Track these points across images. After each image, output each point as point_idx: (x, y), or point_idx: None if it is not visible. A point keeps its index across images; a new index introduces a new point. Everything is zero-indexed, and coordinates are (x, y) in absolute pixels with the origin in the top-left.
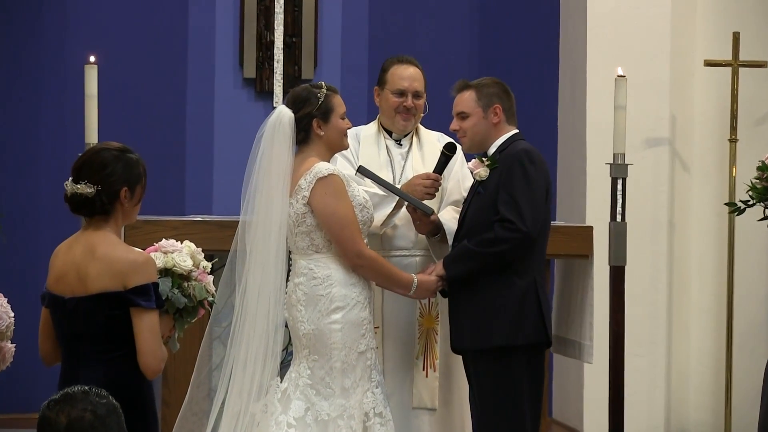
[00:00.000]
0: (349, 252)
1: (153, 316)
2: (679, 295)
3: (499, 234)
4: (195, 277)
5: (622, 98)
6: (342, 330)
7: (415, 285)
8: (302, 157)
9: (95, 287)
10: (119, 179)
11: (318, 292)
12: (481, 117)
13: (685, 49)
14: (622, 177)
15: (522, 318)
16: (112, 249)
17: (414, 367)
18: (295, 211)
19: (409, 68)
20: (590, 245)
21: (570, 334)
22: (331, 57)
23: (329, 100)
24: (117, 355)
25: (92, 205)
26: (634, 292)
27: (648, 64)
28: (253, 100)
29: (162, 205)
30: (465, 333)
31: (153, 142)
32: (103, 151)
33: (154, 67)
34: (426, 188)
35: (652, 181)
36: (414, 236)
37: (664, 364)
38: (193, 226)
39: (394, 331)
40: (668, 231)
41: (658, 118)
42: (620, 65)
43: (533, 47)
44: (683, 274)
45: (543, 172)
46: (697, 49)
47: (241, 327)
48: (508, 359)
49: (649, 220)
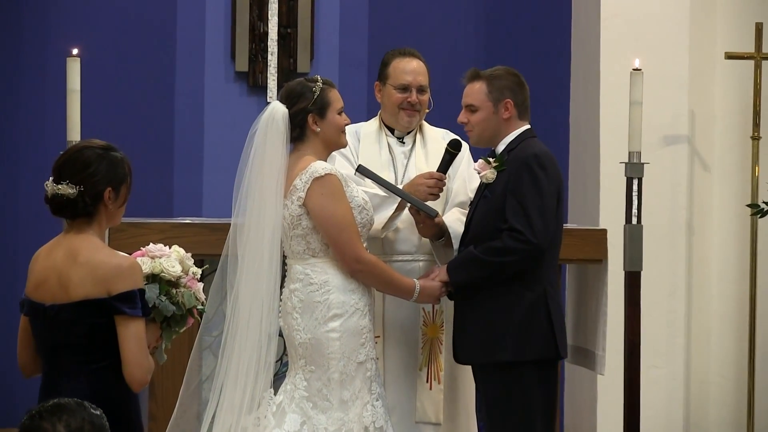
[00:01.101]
0: (348, 256)
1: (139, 324)
2: (698, 302)
3: (507, 244)
4: (184, 283)
5: (638, 93)
6: (340, 339)
7: (418, 291)
8: (297, 155)
9: (78, 294)
10: (103, 179)
11: (315, 298)
12: (491, 112)
13: (705, 40)
14: (638, 177)
15: (530, 331)
16: (96, 253)
17: (417, 379)
18: (290, 213)
19: (412, 61)
20: (604, 249)
21: (583, 342)
22: (328, 49)
23: (325, 94)
24: (101, 365)
25: (74, 206)
26: (651, 299)
27: (665, 57)
28: (245, 95)
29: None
30: (470, 345)
31: (139, 140)
32: (86, 150)
33: (140, 60)
34: (429, 188)
35: (670, 181)
36: (417, 240)
37: (682, 375)
38: (182, 229)
39: (396, 340)
40: (687, 234)
41: (676, 114)
42: (636, 58)
43: (543, 38)
44: (703, 279)
45: (554, 178)
46: (717, 40)
47: (232, 336)
48: (519, 372)
49: (667, 222)
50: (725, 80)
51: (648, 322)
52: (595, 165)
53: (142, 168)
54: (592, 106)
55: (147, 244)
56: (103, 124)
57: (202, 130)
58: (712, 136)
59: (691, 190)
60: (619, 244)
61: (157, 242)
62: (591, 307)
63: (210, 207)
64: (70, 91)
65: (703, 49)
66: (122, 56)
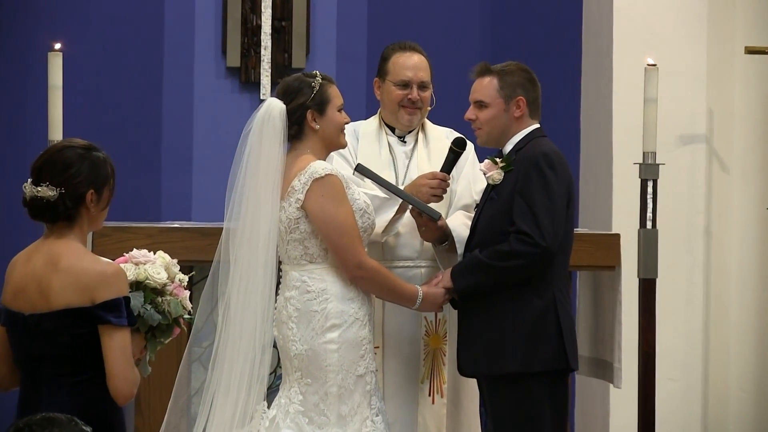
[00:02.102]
0: (350, 262)
1: (124, 334)
2: (717, 311)
3: (515, 248)
4: (170, 291)
5: (653, 90)
6: (339, 350)
7: (420, 298)
8: (295, 154)
9: (59, 302)
10: (85, 181)
11: (312, 307)
12: (502, 109)
13: (724, 34)
14: (653, 178)
15: (539, 341)
16: (78, 259)
17: (418, 393)
18: (287, 216)
19: (413, 56)
20: (617, 255)
21: (598, 353)
22: (325, 43)
23: (325, 90)
24: (84, 378)
25: (54, 209)
26: (667, 308)
27: (682, 51)
28: (237, 92)
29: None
30: (475, 356)
31: (125, 139)
32: (67, 149)
33: (125, 55)
34: (432, 189)
35: (687, 183)
36: (419, 244)
37: (700, 389)
38: (171, 234)
39: (397, 351)
40: (705, 239)
41: (693, 112)
42: (651, 53)
43: (552, 32)
44: (722, 287)
45: (564, 178)
46: (737, 34)
47: (223, 347)
48: (527, 385)
49: (684, 226)
50: (745, 76)
51: (663, 332)
52: (608, 166)
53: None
54: (605, 104)
55: (133, 249)
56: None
57: (192, 128)
58: (732, 135)
59: (709, 192)
60: (633, 250)
61: (144, 248)
62: (605, 316)
63: (200, 210)
64: (52, 87)
65: (721, 43)
66: (107, 50)
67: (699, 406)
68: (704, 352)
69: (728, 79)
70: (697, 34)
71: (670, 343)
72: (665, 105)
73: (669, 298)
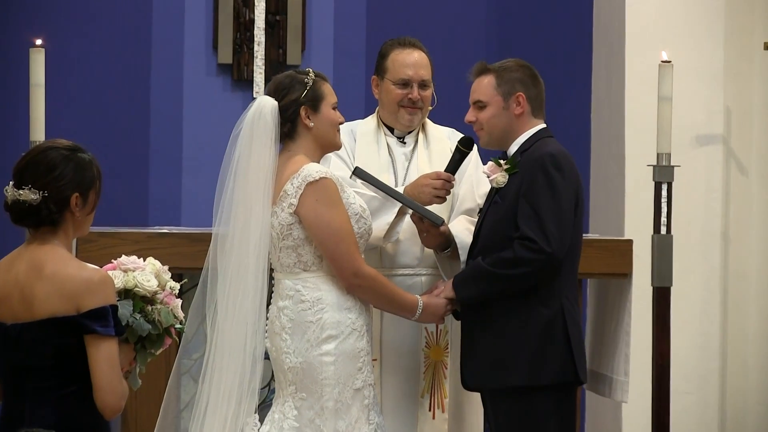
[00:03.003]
0: (346, 270)
1: (112, 344)
2: (734, 321)
3: (519, 254)
4: (160, 299)
5: (668, 88)
6: (335, 363)
7: (420, 308)
8: (288, 155)
9: (43, 311)
10: (69, 184)
11: (306, 318)
12: (501, 107)
13: (742, 29)
14: (668, 181)
15: (546, 353)
16: (63, 266)
17: (418, 407)
18: (280, 221)
19: (413, 53)
20: (629, 262)
21: (602, 367)
22: (321, 39)
23: (318, 87)
24: (69, 391)
25: (37, 214)
26: (682, 317)
27: (698, 47)
28: (229, 90)
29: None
30: (479, 369)
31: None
32: (51, 151)
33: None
34: (436, 190)
35: (703, 185)
36: (420, 251)
37: (717, 403)
38: (158, 240)
39: (395, 364)
40: (722, 245)
41: (709, 111)
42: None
43: (561, 26)
44: (740, 296)
45: (572, 181)
46: (756, 29)
47: (213, 359)
48: (532, 399)
49: (700, 232)
50: (764, 73)
51: (678, 343)
52: (620, 168)
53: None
54: (616, 103)
55: (119, 255)
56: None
57: (181, 128)
58: (750, 135)
59: (727, 195)
60: (646, 257)
61: (131, 254)
62: (608, 326)
63: (189, 215)
64: (34, 85)
65: (739, 37)
66: (91, 46)
67: (716, 422)
68: (721, 363)
69: (747, 76)
70: (714, 29)
71: (685, 355)
72: (680, 103)
73: (684, 308)
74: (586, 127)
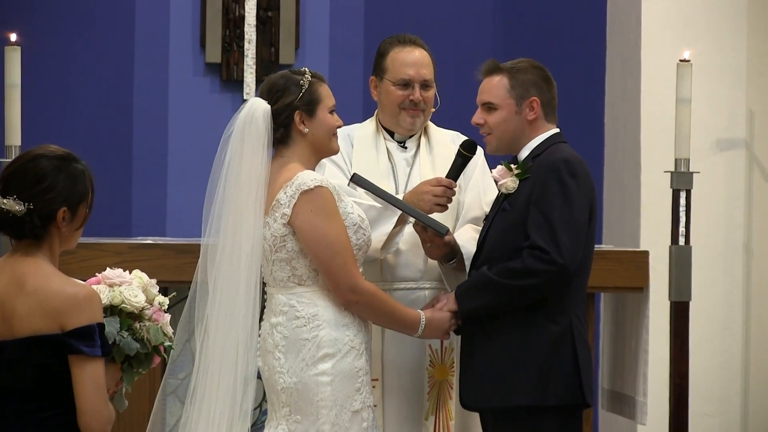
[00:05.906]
0: (342, 285)
1: (98, 365)
2: (758, 338)
3: (529, 265)
4: (149, 316)
5: (686, 89)
6: (332, 383)
7: (423, 324)
8: (281, 162)
9: (24, 329)
10: (58, 197)
11: (301, 335)
12: (513, 111)
13: (766, 26)
14: (687, 188)
15: (552, 372)
16: (46, 281)
17: (423, 430)
18: (273, 233)
19: (414, 51)
20: (646, 275)
21: (622, 387)
22: (316, 37)
23: (315, 89)
24: (51, 414)
25: (20, 226)
26: (702, 334)
27: (719, 46)
28: (217, 91)
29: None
30: (480, 387)
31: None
32: (41, 159)
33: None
34: (436, 197)
35: (724, 193)
36: (422, 263)
37: (739, 425)
38: (142, 251)
39: (397, 384)
40: (744, 257)
41: (731, 113)
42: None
43: (573, 24)
44: (763, 311)
45: (586, 188)
46: None
47: (202, 379)
48: (538, 420)
49: (721, 243)
50: None
51: (698, 361)
52: (636, 175)
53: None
54: (632, 105)
55: (100, 268)
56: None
57: (166, 132)
58: None
59: (750, 203)
60: (663, 269)
61: (113, 266)
62: (630, 344)
63: (175, 225)
64: (9, 85)
65: (763, 36)
66: (71, 44)
67: None
68: (744, 384)
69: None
70: (736, 26)
71: (705, 375)
72: (700, 105)
73: (704, 324)
74: (599, 131)
